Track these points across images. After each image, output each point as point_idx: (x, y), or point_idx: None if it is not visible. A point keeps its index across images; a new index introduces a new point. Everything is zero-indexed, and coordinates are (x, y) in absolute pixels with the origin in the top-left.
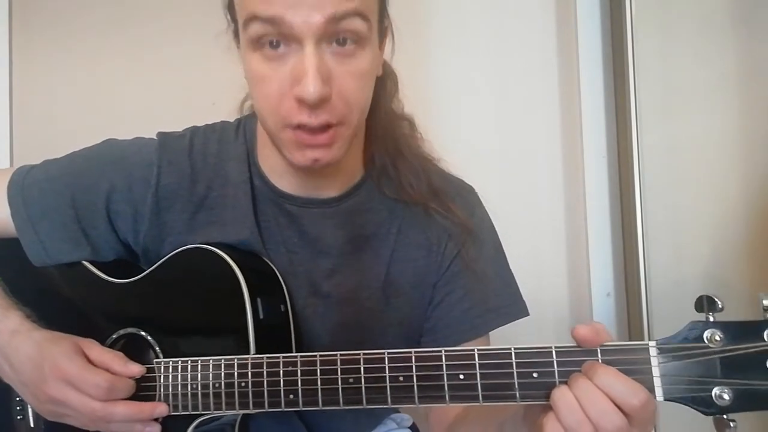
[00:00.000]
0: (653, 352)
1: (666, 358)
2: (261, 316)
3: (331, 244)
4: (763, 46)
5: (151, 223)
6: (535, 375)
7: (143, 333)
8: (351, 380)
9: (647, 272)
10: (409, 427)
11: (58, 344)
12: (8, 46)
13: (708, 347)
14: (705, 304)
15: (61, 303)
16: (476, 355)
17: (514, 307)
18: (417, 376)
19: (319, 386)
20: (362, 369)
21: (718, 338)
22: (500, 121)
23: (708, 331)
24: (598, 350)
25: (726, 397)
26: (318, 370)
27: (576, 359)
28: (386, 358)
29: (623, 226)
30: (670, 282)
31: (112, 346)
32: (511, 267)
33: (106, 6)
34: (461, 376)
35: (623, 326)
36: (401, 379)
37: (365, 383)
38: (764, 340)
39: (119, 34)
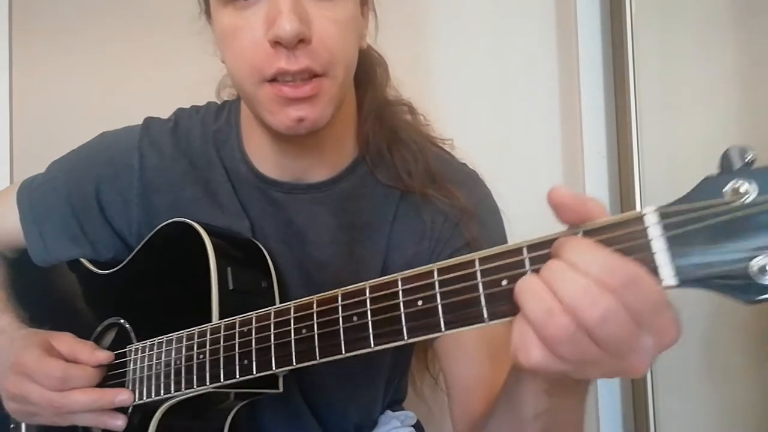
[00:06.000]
0: (652, 219)
1: (673, 227)
2: (231, 287)
3: (322, 234)
4: (763, 46)
5: (140, 210)
6: (504, 282)
7: (122, 320)
8: (304, 330)
9: None
10: (413, 425)
11: (26, 339)
12: (8, 46)
13: (734, 203)
14: (734, 156)
15: (55, 299)
16: (435, 272)
17: None
18: (372, 310)
19: (272, 342)
20: (315, 314)
21: (746, 189)
22: (500, 121)
23: (732, 182)
24: (580, 232)
25: None
26: (272, 325)
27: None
28: (339, 297)
29: None
30: None
31: (100, 336)
32: None
33: (106, 6)
34: (419, 302)
35: None
36: (355, 319)
37: (318, 330)
38: None
39: (119, 34)
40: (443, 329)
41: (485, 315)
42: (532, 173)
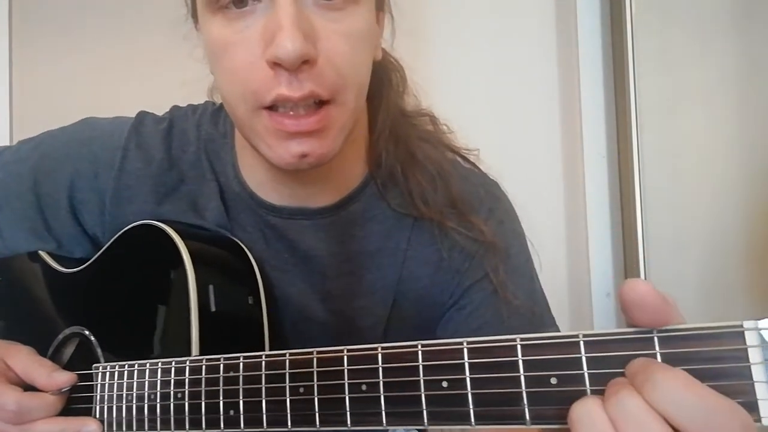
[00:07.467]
0: (753, 339)
1: None
2: (213, 308)
3: (326, 263)
4: (763, 46)
5: (112, 216)
6: (553, 381)
7: (87, 332)
8: (302, 390)
9: (647, 272)
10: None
11: None
12: (8, 46)
13: None
14: None
15: (12, 294)
16: (466, 351)
17: (539, 327)
18: (385, 383)
19: (264, 397)
20: (315, 374)
21: None
22: (500, 121)
23: None
24: (655, 337)
25: None
26: (263, 377)
27: (620, 354)
28: (345, 358)
29: (623, 226)
30: (670, 282)
31: (61, 345)
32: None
33: (106, 6)
34: (444, 384)
35: (623, 327)
36: (364, 388)
37: (318, 394)
38: None
39: (119, 34)
40: (473, 423)
41: (527, 416)
42: (532, 173)
